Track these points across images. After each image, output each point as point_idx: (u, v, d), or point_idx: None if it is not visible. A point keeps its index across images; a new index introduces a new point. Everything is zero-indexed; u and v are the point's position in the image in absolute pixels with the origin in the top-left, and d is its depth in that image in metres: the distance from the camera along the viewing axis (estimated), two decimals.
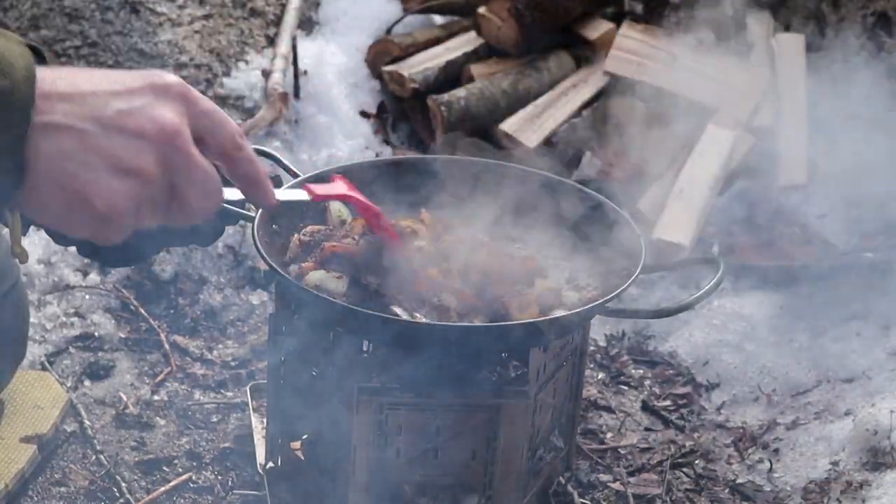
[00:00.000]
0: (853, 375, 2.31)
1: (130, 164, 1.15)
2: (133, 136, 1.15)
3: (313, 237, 1.77)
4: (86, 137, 1.13)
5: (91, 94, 1.15)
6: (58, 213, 1.15)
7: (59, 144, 1.13)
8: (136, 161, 1.15)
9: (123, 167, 1.15)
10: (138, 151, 1.15)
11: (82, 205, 1.14)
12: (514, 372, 1.74)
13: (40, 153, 1.12)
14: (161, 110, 1.18)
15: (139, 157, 1.15)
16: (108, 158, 1.14)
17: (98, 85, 1.16)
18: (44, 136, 1.12)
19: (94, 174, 1.13)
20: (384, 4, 3.35)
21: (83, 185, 1.13)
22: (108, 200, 1.15)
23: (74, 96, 1.14)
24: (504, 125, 2.92)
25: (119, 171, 1.15)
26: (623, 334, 2.45)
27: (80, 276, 2.46)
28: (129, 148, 1.15)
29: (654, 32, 3.04)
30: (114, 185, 1.14)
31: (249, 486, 1.97)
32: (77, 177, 1.13)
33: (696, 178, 2.73)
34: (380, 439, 1.72)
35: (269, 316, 1.83)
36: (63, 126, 1.13)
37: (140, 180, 1.16)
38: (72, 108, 1.13)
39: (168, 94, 1.19)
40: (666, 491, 2.02)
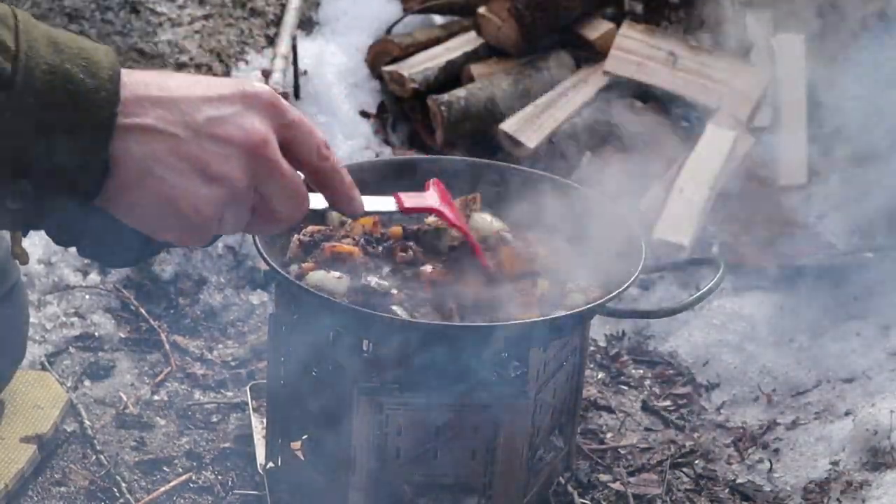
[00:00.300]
0: (853, 375, 2.31)
1: (218, 171, 1.16)
2: (222, 144, 1.17)
3: (313, 237, 1.78)
4: (176, 142, 1.15)
5: (183, 100, 1.16)
6: (145, 215, 1.17)
7: (150, 147, 1.14)
8: (224, 168, 1.17)
9: (211, 174, 1.16)
10: (227, 159, 1.17)
11: (169, 208, 1.16)
12: (514, 372, 1.74)
13: (130, 154, 1.13)
14: (250, 119, 1.19)
15: (227, 165, 1.17)
16: (197, 164, 1.16)
17: (190, 90, 1.17)
18: (134, 138, 1.13)
19: (182, 179, 1.15)
20: (384, 4, 3.35)
21: (171, 189, 1.15)
22: (196, 206, 1.16)
23: (166, 101, 1.15)
24: (504, 125, 2.92)
25: (207, 178, 1.16)
26: (623, 334, 2.45)
27: (80, 276, 2.46)
28: (217, 155, 1.16)
29: (654, 32, 3.04)
30: (202, 191, 1.16)
31: (249, 486, 1.97)
32: (165, 181, 1.14)
33: (696, 178, 2.73)
34: (380, 439, 1.72)
35: (269, 316, 1.83)
36: (154, 129, 1.14)
37: (227, 187, 1.17)
38: (163, 113, 1.15)
39: (257, 104, 1.20)
40: (666, 491, 2.02)
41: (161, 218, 1.17)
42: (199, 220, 1.18)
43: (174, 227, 1.19)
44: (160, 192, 1.15)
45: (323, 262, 1.72)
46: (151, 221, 1.18)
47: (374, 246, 1.75)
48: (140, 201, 1.15)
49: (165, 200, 1.15)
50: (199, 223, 1.18)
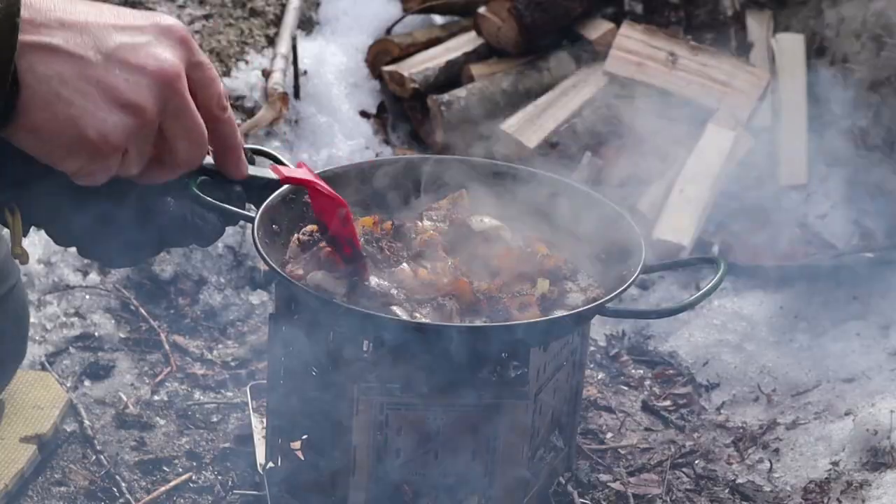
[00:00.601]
0: (853, 375, 2.31)
1: (129, 99, 1.13)
2: (134, 72, 1.13)
3: (312, 237, 1.77)
4: (85, 65, 1.11)
5: (93, 25, 1.13)
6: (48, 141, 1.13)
7: (57, 68, 1.10)
8: (134, 96, 1.13)
9: (121, 101, 1.13)
10: (138, 87, 1.14)
11: (74, 134, 1.12)
12: (514, 372, 1.74)
13: (36, 74, 1.09)
14: (164, 51, 1.16)
15: (138, 93, 1.14)
16: (107, 90, 1.12)
17: (101, 16, 1.14)
18: (40, 57, 1.10)
19: (90, 104, 1.12)
20: (384, 4, 3.35)
21: (79, 113, 1.11)
22: (102, 132, 1.13)
23: (74, 24, 1.12)
24: (504, 125, 2.91)
25: (116, 105, 1.13)
26: (623, 334, 2.45)
27: (80, 276, 2.46)
28: (128, 82, 1.13)
29: (654, 32, 3.04)
30: (110, 118, 1.13)
31: (249, 486, 1.97)
32: (73, 104, 1.11)
33: (696, 178, 2.73)
34: (380, 439, 1.72)
35: (269, 316, 1.83)
36: (62, 50, 1.11)
37: (136, 117, 1.14)
38: (72, 35, 1.11)
39: (171, 37, 1.18)
40: (666, 491, 2.02)
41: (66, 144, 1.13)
42: (106, 148, 1.14)
43: (78, 156, 1.14)
44: (67, 116, 1.11)
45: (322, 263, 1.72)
46: (56, 148, 1.13)
47: (374, 245, 1.75)
48: (46, 125, 1.11)
49: (72, 125, 1.11)
50: (104, 152, 1.14)
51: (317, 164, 2.81)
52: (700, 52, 3.01)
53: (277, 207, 1.78)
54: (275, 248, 1.77)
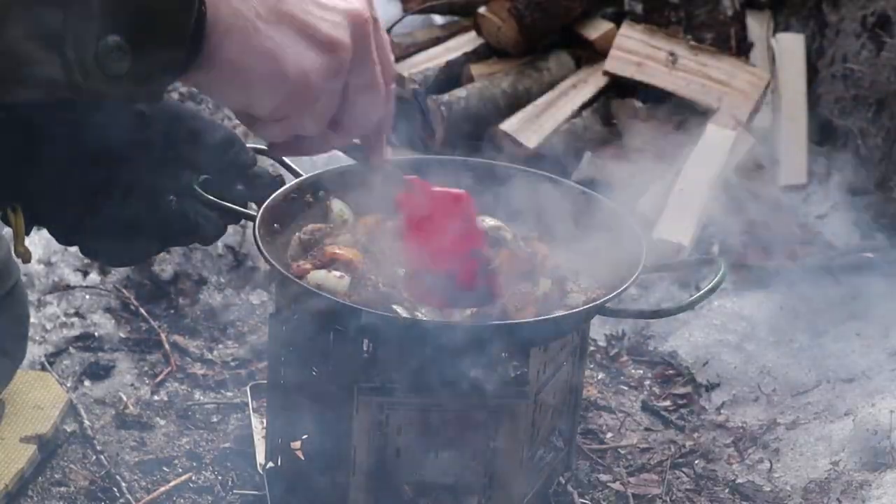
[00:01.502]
0: (853, 375, 2.31)
1: (326, 36, 1.09)
2: (330, 10, 1.10)
3: (313, 236, 1.77)
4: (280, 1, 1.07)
5: None
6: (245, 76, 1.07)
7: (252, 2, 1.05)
8: (333, 34, 1.09)
9: (319, 38, 1.09)
10: (335, 26, 1.10)
11: (274, 69, 1.07)
12: (514, 372, 1.74)
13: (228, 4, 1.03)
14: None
15: (335, 31, 1.10)
16: (303, 26, 1.08)
17: None
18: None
19: (287, 39, 1.07)
20: (384, 4, 3.35)
21: (277, 47, 1.06)
22: (302, 68, 1.08)
23: None
24: (504, 125, 2.92)
25: (314, 42, 1.09)
26: (623, 334, 2.45)
27: (80, 276, 2.46)
28: (325, 21, 1.09)
29: (654, 32, 3.04)
30: (309, 55, 1.08)
31: (249, 486, 1.97)
32: (271, 38, 1.06)
33: (696, 178, 2.74)
34: (380, 439, 1.72)
35: (269, 316, 1.83)
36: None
37: (334, 54, 1.10)
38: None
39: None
40: (666, 491, 2.02)
41: (265, 80, 1.07)
42: (305, 86, 1.08)
43: (276, 94, 1.08)
44: (265, 50, 1.05)
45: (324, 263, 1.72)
46: (254, 84, 1.07)
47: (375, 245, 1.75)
48: (244, 59, 1.05)
49: (272, 59, 1.06)
50: (302, 91, 1.09)
51: (316, 164, 2.81)
52: (700, 52, 3.01)
53: (279, 206, 1.78)
54: (275, 246, 1.77)
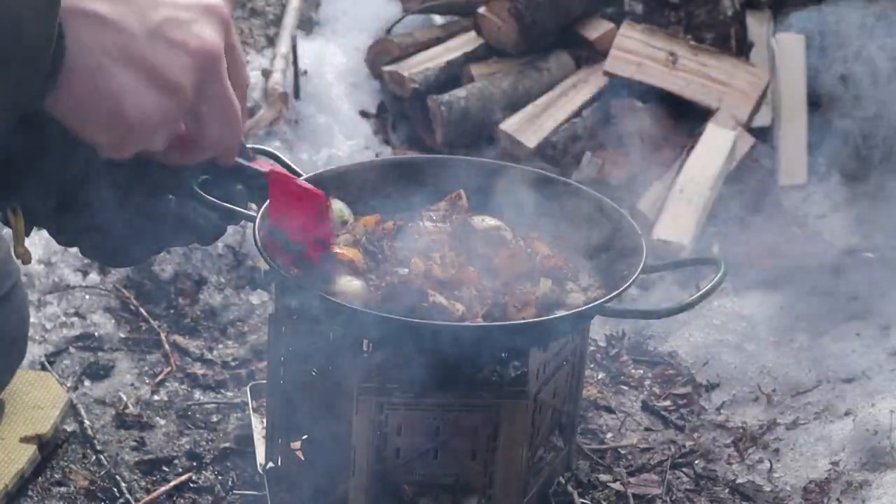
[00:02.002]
0: (853, 375, 2.31)
1: (170, 78, 1.10)
2: (177, 50, 1.11)
3: None
4: (130, 38, 1.08)
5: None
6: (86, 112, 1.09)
7: (101, 38, 1.07)
8: (176, 76, 1.11)
9: (163, 80, 1.10)
10: (180, 67, 1.11)
11: (114, 109, 1.09)
12: (514, 372, 1.74)
13: (81, 42, 1.06)
14: (206, 29, 1.14)
15: (180, 73, 1.11)
16: (149, 68, 1.09)
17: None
18: (85, 24, 1.06)
19: (131, 80, 1.08)
20: (384, 4, 3.35)
21: (120, 88, 1.08)
22: (141, 111, 1.10)
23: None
24: (504, 125, 2.92)
25: (157, 84, 1.10)
26: (623, 334, 2.45)
27: (80, 276, 2.46)
28: (171, 61, 1.10)
29: (654, 32, 3.04)
30: (150, 98, 1.10)
31: (249, 486, 1.97)
32: (115, 78, 1.08)
33: (696, 178, 2.74)
34: (380, 439, 1.72)
35: (269, 316, 1.83)
36: (108, 21, 1.07)
37: (175, 98, 1.11)
38: (119, 5, 1.08)
39: (214, 15, 1.15)
40: (666, 491, 2.02)
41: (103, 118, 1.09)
42: (142, 127, 1.10)
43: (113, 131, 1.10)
44: (108, 91, 1.07)
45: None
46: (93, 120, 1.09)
47: (376, 245, 1.75)
48: (87, 97, 1.07)
49: (112, 100, 1.08)
50: (140, 130, 1.11)
51: (317, 164, 2.81)
52: (700, 52, 3.01)
53: None
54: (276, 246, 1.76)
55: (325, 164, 2.81)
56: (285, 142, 2.83)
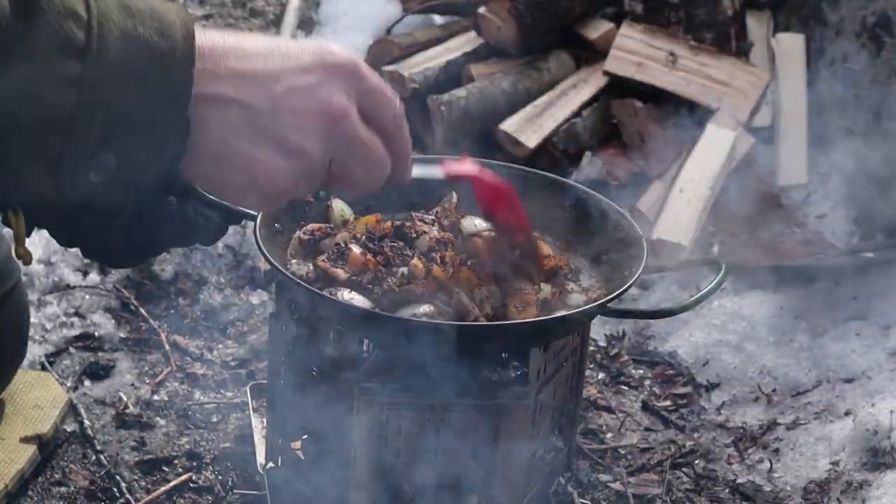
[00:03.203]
0: (853, 375, 2.31)
1: (296, 145, 1.16)
2: (301, 116, 1.16)
3: (314, 235, 1.77)
4: (254, 114, 1.14)
5: (262, 71, 1.15)
6: (223, 186, 1.18)
7: (227, 118, 1.13)
8: (302, 142, 1.16)
9: (289, 147, 1.16)
10: (305, 132, 1.16)
11: (244, 180, 1.16)
12: (514, 372, 1.74)
13: (207, 124, 1.12)
14: (330, 90, 1.18)
15: (305, 138, 1.17)
16: (275, 138, 1.15)
17: (270, 60, 1.16)
18: (212, 107, 1.12)
19: (259, 152, 1.15)
20: (384, 4, 3.35)
21: (247, 162, 1.15)
22: (272, 178, 1.16)
23: (246, 72, 1.14)
24: (504, 125, 2.91)
25: (284, 151, 1.16)
26: (623, 334, 2.45)
27: (80, 276, 2.46)
28: (296, 129, 1.16)
29: (654, 32, 3.04)
30: (278, 165, 1.16)
31: (249, 486, 1.97)
32: (242, 153, 1.14)
33: (696, 178, 2.74)
34: (380, 439, 1.72)
35: (269, 316, 1.83)
36: (233, 101, 1.13)
37: (304, 160, 1.17)
38: (242, 84, 1.14)
39: (338, 73, 1.19)
40: (666, 491, 2.02)
41: (238, 189, 1.17)
42: (276, 191, 1.18)
43: (250, 197, 1.19)
44: (237, 164, 1.15)
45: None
46: (228, 192, 1.19)
47: (377, 244, 1.75)
48: (217, 172, 1.15)
49: (242, 173, 1.15)
50: (275, 194, 1.18)
51: None
52: (700, 52, 3.01)
53: None
54: (276, 246, 1.77)
55: None
56: None
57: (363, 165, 1.23)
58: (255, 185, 1.16)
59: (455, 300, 1.64)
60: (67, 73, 1.05)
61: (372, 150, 1.23)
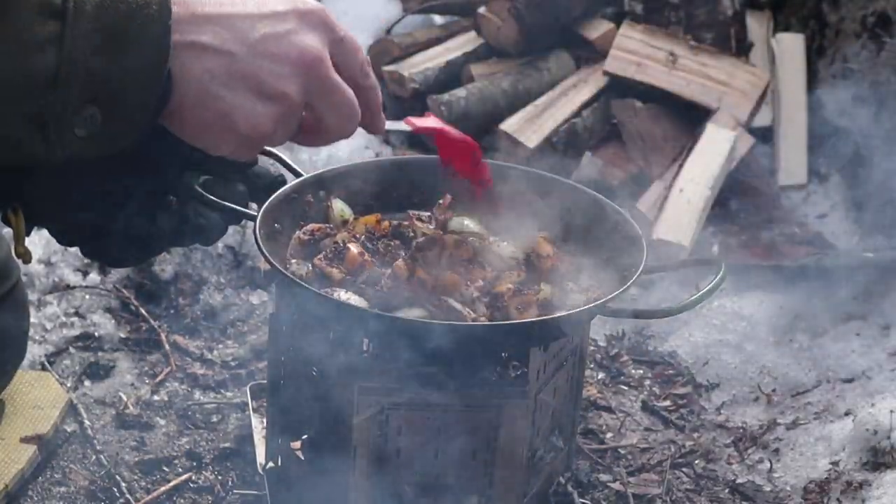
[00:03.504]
0: (853, 375, 2.32)
1: (274, 90, 1.20)
2: (278, 62, 1.20)
3: (314, 235, 1.77)
4: (232, 60, 1.17)
5: (238, 17, 1.18)
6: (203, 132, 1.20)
7: (206, 65, 1.16)
8: (280, 86, 1.20)
9: (267, 92, 1.20)
10: (282, 77, 1.20)
11: (226, 126, 1.19)
12: (514, 372, 1.74)
13: (187, 72, 1.15)
14: (305, 37, 1.22)
15: (283, 83, 1.20)
16: (253, 83, 1.19)
17: (244, 7, 1.19)
18: (190, 55, 1.15)
19: (239, 97, 1.18)
20: (384, 4, 3.35)
21: (229, 107, 1.18)
22: (252, 123, 1.20)
23: (220, 17, 1.17)
24: (504, 125, 2.92)
25: (263, 96, 1.20)
26: (623, 334, 2.45)
27: (80, 276, 2.46)
28: (273, 73, 1.20)
29: (654, 32, 3.04)
30: (258, 109, 1.20)
31: (249, 486, 1.97)
32: (223, 99, 1.18)
33: (696, 178, 2.74)
34: (380, 439, 1.72)
35: (269, 316, 1.83)
36: (210, 47, 1.16)
37: (283, 104, 1.21)
38: (219, 31, 1.17)
39: (311, 20, 1.23)
40: (666, 491, 2.02)
41: (219, 134, 1.20)
42: (256, 136, 1.21)
43: (230, 143, 1.22)
44: (217, 111, 1.17)
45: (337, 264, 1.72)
46: (209, 138, 1.21)
47: (376, 244, 1.75)
48: (199, 119, 1.18)
49: (223, 118, 1.18)
50: (255, 139, 1.21)
51: (317, 164, 2.81)
52: (700, 52, 3.01)
53: (280, 206, 1.78)
54: (276, 246, 1.77)
55: (325, 164, 2.81)
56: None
57: (336, 111, 1.26)
58: (236, 130, 1.19)
59: (446, 308, 1.64)
60: (47, 34, 1.07)
61: (345, 95, 1.26)
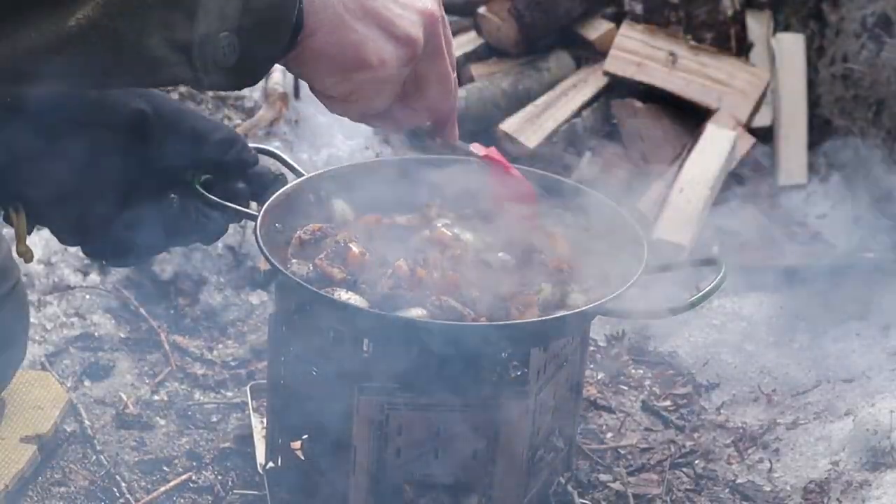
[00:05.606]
0: (853, 375, 2.31)
1: (404, 31, 1.25)
2: (407, 9, 1.26)
3: (314, 235, 1.77)
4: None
5: None
6: (330, 63, 1.24)
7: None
8: (409, 30, 1.26)
9: (397, 33, 1.25)
10: (411, 23, 1.26)
11: (356, 56, 1.23)
12: (514, 372, 1.74)
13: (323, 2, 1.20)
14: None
15: (413, 28, 1.26)
16: (385, 21, 1.24)
17: None
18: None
19: (373, 31, 1.23)
20: None
21: (361, 38, 1.23)
22: (381, 57, 1.24)
23: None
24: (504, 125, 2.92)
25: (392, 36, 1.25)
26: (623, 334, 2.45)
27: (80, 276, 2.46)
28: (402, 17, 1.25)
29: (654, 32, 3.04)
30: (388, 47, 1.24)
31: (249, 486, 1.97)
32: (355, 30, 1.22)
33: (696, 178, 2.74)
34: (380, 439, 1.72)
35: (269, 316, 1.83)
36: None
37: (409, 49, 1.26)
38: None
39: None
40: (666, 491, 2.02)
41: (347, 66, 1.23)
42: (382, 73, 1.24)
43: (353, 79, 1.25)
44: (350, 41, 1.22)
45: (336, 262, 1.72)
46: (337, 70, 1.24)
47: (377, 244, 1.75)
48: (331, 48, 1.21)
49: (355, 49, 1.22)
50: (380, 76, 1.25)
51: (317, 164, 2.81)
52: (700, 52, 3.01)
53: (280, 206, 1.78)
54: (277, 246, 1.77)
55: (325, 164, 2.81)
56: (285, 142, 2.83)
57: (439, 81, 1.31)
58: (365, 63, 1.23)
59: (447, 307, 1.64)
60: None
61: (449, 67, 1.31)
